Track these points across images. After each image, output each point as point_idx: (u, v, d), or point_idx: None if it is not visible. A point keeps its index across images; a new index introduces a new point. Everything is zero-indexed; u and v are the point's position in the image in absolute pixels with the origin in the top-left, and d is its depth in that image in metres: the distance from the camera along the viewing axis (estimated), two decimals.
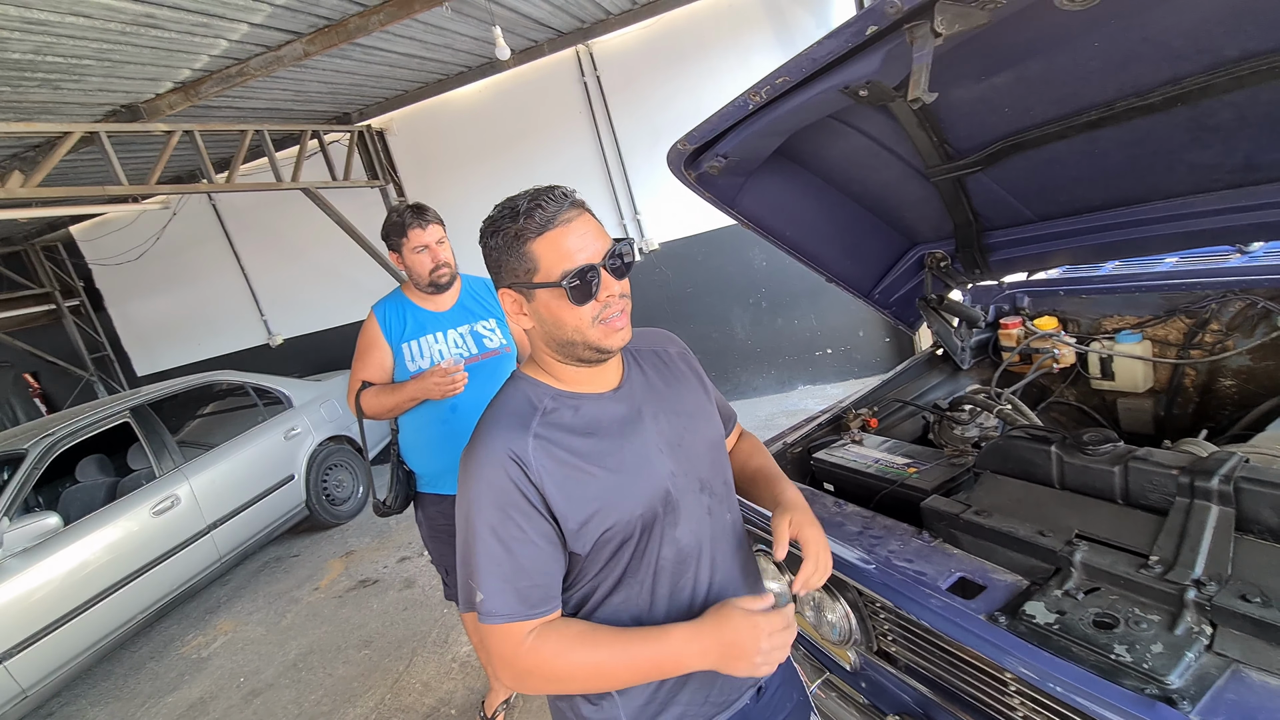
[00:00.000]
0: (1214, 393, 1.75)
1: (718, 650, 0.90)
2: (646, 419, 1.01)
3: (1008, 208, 1.70)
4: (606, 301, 0.93)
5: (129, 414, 4.03)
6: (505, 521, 0.90)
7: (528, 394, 0.99)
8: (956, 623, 1.01)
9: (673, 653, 0.91)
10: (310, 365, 6.56)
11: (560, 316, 0.93)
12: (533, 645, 0.90)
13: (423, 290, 2.10)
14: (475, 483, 0.92)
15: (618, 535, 0.95)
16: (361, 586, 3.99)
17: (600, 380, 1.02)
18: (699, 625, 0.92)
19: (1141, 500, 1.08)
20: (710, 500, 1.05)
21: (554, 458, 0.93)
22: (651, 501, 0.97)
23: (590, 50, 5.15)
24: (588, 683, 0.93)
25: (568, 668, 0.91)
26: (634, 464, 0.97)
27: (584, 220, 0.93)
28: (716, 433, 1.12)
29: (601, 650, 0.91)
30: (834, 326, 5.36)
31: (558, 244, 0.90)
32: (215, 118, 4.78)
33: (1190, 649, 0.82)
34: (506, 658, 0.91)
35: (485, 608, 0.90)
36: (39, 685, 3.17)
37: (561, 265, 0.90)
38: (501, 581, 0.90)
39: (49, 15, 2.83)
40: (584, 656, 0.90)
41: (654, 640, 0.92)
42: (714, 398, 1.18)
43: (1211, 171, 1.33)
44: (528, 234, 0.91)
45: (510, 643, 0.91)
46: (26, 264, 7.46)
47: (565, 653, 0.90)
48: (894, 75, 1.07)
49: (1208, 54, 1.09)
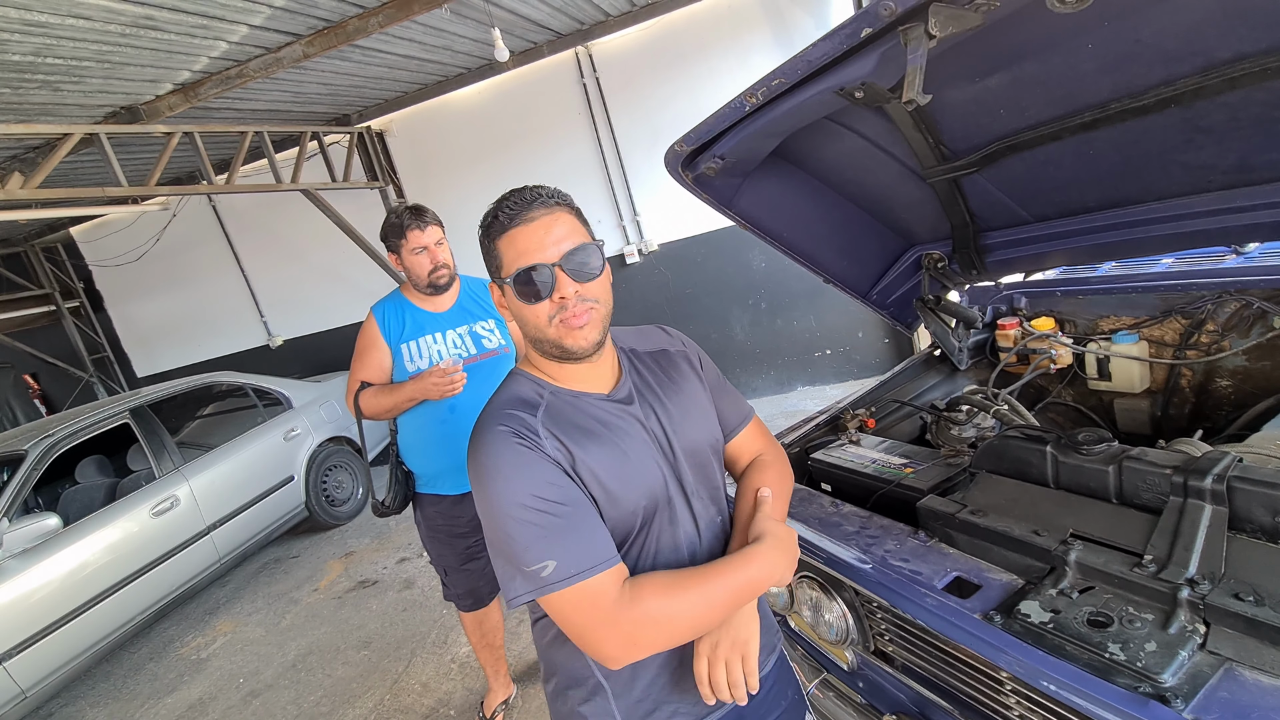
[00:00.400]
0: (1210, 393, 1.75)
1: (787, 557, 0.98)
2: (640, 421, 1.01)
3: (1004, 209, 1.71)
4: (561, 303, 0.93)
5: (128, 415, 4.04)
6: (539, 490, 0.86)
7: (527, 388, 0.99)
8: (952, 622, 1.02)
9: (761, 569, 0.94)
10: (310, 366, 6.57)
11: (523, 314, 0.96)
12: (633, 595, 0.86)
13: (421, 291, 2.11)
14: (492, 468, 0.88)
15: (624, 522, 0.95)
16: (361, 587, 4.00)
17: (594, 379, 1.02)
18: (768, 542, 0.97)
19: (1136, 500, 1.08)
20: (697, 503, 1.05)
21: (562, 441, 0.93)
22: (652, 492, 0.98)
23: (589, 52, 5.16)
24: (694, 623, 0.89)
25: (675, 611, 0.86)
26: (634, 455, 0.98)
27: (551, 219, 0.93)
28: (712, 436, 1.11)
29: (696, 587, 0.89)
30: (833, 327, 5.37)
31: (514, 242, 0.94)
32: (215, 119, 4.79)
33: (1184, 648, 0.83)
34: (609, 618, 0.84)
35: (557, 573, 0.83)
36: (38, 686, 3.17)
37: (516, 263, 0.93)
38: (560, 543, 0.85)
39: (49, 17, 2.84)
40: (685, 596, 0.87)
41: (738, 564, 0.94)
42: (717, 394, 1.16)
43: (1206, 172, 1.34)
44: (494, 231, 0.96)
45: (606, 600, 0.84)
46: (26, 265, 7.46)
47: (668, 595, 0.87)
48: (889, 77, 1.07)
49: (1200, 55, 1.10)
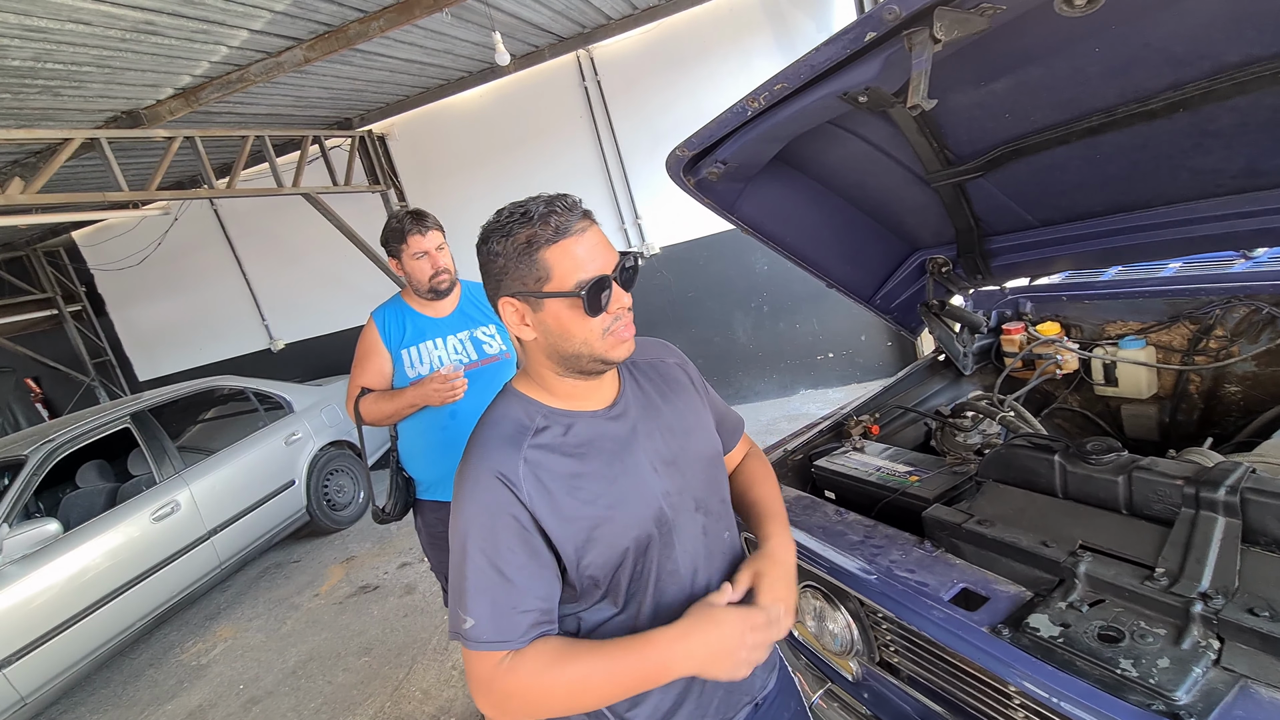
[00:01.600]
0: (1219, 399, 1.73)
1: (703, 650, 0.86)
2: (640, 437, 0.99)
3: (1009, 213, 1.70)
4: (617, 314, 0.92)
5: (129, 420, 4.03)
6: (499, 545, 0.88)
7: (519, 412, 0.97)
8: (959, 635, 1.00)
9: (657, 659, 0.86)
10: (311, 370, 6.56)
11: (569, 328, 0.90)
12: (509, 666, 0.87)
13: (422, 296, 2.10)
14: (466, 505, 0.91)
15: (614, 556, 0.93)
16: (362, 593, 3.98)
17: (595, 396, 1.00)
18: (680, 627, 0.88)
19: (1146, 511, 1.06)
20: (706, 519, 1.03)
21: (544, 480, 0.91)
22: (646, 522, 0.95)
23: (591, 55, 5.16)
24: (570, 701, 0.87)
25: (547, 686, 0.86)
26: (627, 484, 0.95)
27: (595, 231, 0.92)
28: (713, 448, 1.10)
29: (581, 664, 0.86)
30: (836, 331, 5.35)
31: (572, 253, 0.88)
32: (216, 123, 4.79)
33: (1197, 664, 0.81)
34: (484, 682, 0.87)
35: (472, 633, 0.87)
36: (38, 692, 3.16)
37: (576, 275, 0.88)
38: (492, 605, 0.87)
39: (49, 22, 2.83)
40: (563, 673, 0.86)
41: (635, 649, 0.87)
42: (715, 408, 1.16)
43: (1215, 177, 1.32)
44: (541, 241, 0.88)
45: (487, 666, 0.87)
46: (28, 269, 7.47)
47: (543, 670, 0.86)
48: (893, 81, 1.06)
49: (1209, 59, 1.08)
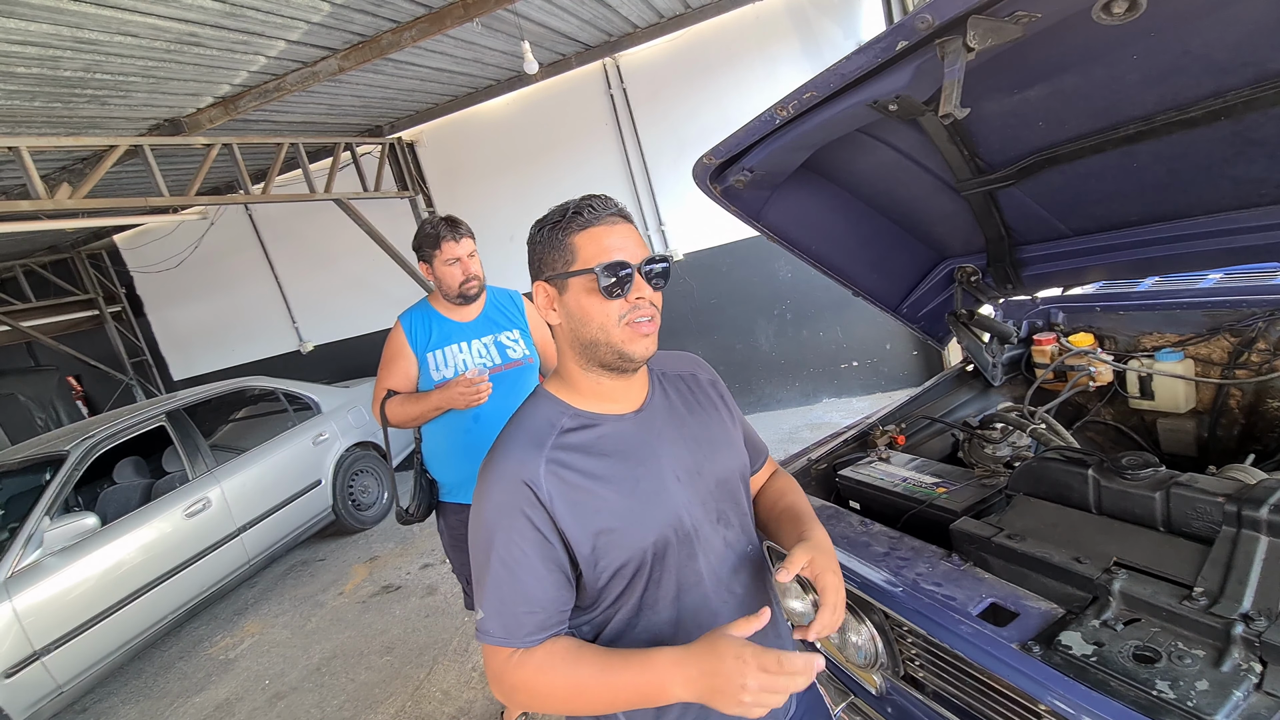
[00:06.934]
0: (1260, 414, 1.68)
1: (702, 680, 0.80)
2: (665, 445, 1.00)
3: (1041, 222, 1.67)
4: (636, 304, 0.94)
5: (165, 418, 4.15)
6: (511, 545, 0.91)
7: (547, 412, 0.99)
8: (988, 651, 0.98)
9: (656, 678, 0.83)
10: (339, 371, 6.68)
11: (588, 310, 0.93)
12: (519, 661, 0.91)
13: (451, 301, 2.13)
14: (487, 503, 0.93)
15: (630, 561, 0.94)
16: (384, 592, 4.03)
17: (622, 399, 1.00)
18: (683, 650, 0.84)
19: (1184, 528, 1.04)
20: (728, 532, 1.03)
21: (565, 480, 0.92)
22: (664, 529, 0.96)
23: (617, 63, 5.20)
24: (569, 702, 0.90)
25: (549, 685, 0.90)
26: (647, 490, 0.96)
27: (628, 227, 0.97)
28: (740, 464, 1.09)
29: (583, 669, 0.89)
30: (860, 339, 5.30)
31: (598, 238, 0.94)
32: (253, 131, 4.93)
33: (1238, 688, 0.79)
34: (495, 672, 0.93)
35: (483, 626, 0.93)
36: (74, 681, 3.26)
37: (600, 256, 0.93)
38: (500, 603, 0.91)
39: (99, 35, 2.95)
40: (565, 674, 0.89)
41: (635, 664, 0.85)
42: (743, 430, 1.16)
43: (1257, 186, 1.29)
44: (572, 227, 0.94)
45: (499, 659, 0.92)
46: (72, 271, 7.75)
47: (547, 669, 0.90)
48: (924, 90, 1.05)
49: (1252, 66, 1.06)
